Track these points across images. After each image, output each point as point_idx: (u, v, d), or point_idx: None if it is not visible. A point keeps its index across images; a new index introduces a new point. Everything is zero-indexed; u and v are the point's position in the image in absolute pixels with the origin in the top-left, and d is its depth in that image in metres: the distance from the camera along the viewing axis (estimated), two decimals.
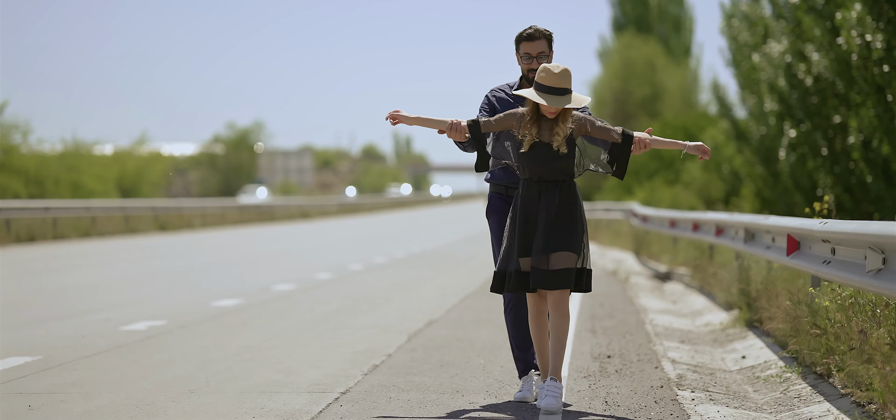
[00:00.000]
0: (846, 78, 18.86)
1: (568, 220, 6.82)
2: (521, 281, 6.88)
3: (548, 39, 7.21)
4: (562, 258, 6.79)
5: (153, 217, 39.51)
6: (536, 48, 7.18)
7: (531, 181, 6.87)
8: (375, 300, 14.09)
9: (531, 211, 6.85)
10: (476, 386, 7.96)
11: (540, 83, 6.74)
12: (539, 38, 7.18)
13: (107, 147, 70.15)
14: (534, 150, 6.80)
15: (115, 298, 14.19)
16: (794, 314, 8.75)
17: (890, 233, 5.88)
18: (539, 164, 6.81)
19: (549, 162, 6.79)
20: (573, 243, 6.82)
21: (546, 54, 7.17)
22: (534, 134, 6.79)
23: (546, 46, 7.19)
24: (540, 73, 6.76)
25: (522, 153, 6.80)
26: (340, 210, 69.93)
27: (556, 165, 6.81)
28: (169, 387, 7.97)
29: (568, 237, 6.80)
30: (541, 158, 6.80)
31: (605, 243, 29.30)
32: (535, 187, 6.86)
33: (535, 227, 6.82)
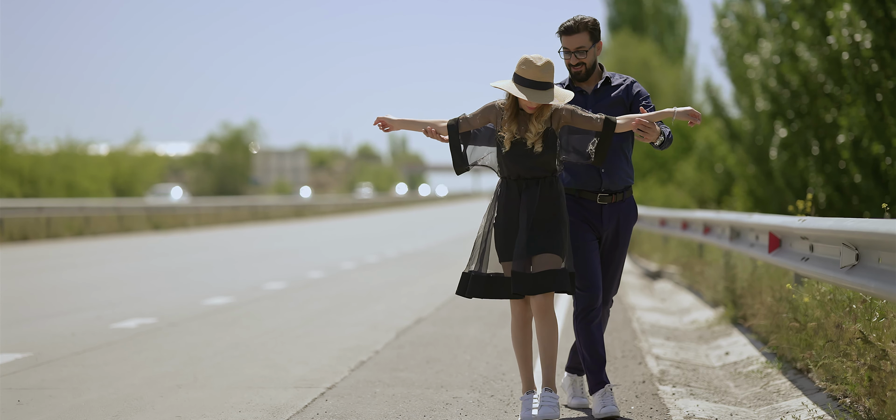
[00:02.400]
0: (836, 77, 18.99)
1: (550, 220, 6.38)
2: (490, 285, 6.44)
3: (590, 31, 6.60)
4: (545, 260, 6.33)
5: (147, 216, 39.58)
6: (574, 42, 6.60)
7: (511, 180, 6.44)
8: (365, 298, 14.19)
9: (512, 212, 6.41)
10: (461, 381, 8.05)
11: (520, 76, 6.27)
12: (578, 31, 6.58)
13: (101, 147, 70.19)
14: (513, 148, 6.36)
15: (106, 297, 14.28)
16: (775, 310, 8.87)
17: (862, 229, 5.98)
18: (518, 162, 6.36)
19: (528, 159, 6.34)
20: (556, 244, 6.35)
21: (586, 49, 6.59)
22: (513, 131, 6.36)
23: (587, 39, 6.59)
24: (520, 65, 6.26)
25: (502, 152, 6.38)
26: (336, 209, 70.01)
27: (535, 162, 6.34)
28: (157, 382, 8.07)
29: (551, 238, 6.35)
30: (519, 156, 6.35)
31: None
32: (516, 186, 6.42)
33: (513, 231, 6.39)
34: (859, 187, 19.14)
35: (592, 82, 6.77)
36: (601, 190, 6.73)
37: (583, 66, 6.64)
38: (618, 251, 6.86)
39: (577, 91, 6.72)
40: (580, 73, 6.65)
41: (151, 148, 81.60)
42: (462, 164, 6.52)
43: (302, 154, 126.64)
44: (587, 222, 6.73)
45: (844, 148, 19.36)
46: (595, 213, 6.74)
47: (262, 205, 57.68)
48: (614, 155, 6.69)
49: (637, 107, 6.67)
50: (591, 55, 6.64)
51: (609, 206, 6.75)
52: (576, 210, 6.72)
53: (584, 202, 6.73)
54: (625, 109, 6.68)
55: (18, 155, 52.56)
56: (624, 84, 6.78)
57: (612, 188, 6.74)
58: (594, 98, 6.72)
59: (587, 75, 6.70)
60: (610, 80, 6.78)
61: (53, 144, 60.17)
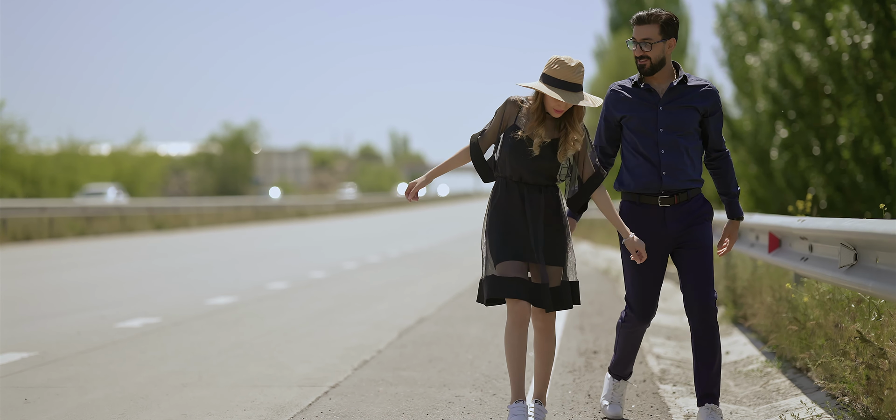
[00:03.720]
0: (837, 78, 19.06)
1: (555, 229, 6.13)
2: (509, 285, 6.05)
3: (661, 24, 6.23)
4: (552, 275, 6.11)
5: (149, 216, 39.67)
6: (642, 32, 6.25)
7: (511, 181, 6.12)
8: (368, 298, 14.26)
9: (515, 214, 6.09)
10: (463, 380, 8.12)
11: (552, 76, 5.96)
12: (648, 22, 6.24)
13: (103, 146, 70.30)
14: (521, 147, 6.04)
15: (110, 296, 14.35)
16: (775, 310, 8.95)
17: (860, 230, 6.05)
18: (523, 163, 6.05)
19: (537, 162, 6.05)
20: (562, 256, 6.13)
21: (653, 42, 6.22)
22: (542, 134, 6.03)
23: (656, 32, 6.22)
24: (552, 65, 5.95)
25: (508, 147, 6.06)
26: (338, 209, 70.09)
27: (542, 168, 6.06)
28: (162, 381, 8.14)
29: (559, 249, 6.11)
30: (527, 158, 6.05)
31: (599, 242, 29.45)
32: (516, 189, 6.11)
33: (519, 230, 6.09)
34: (860, 187, 19.20)
35: (663, 81, 6.35)
36: (662, 192, 6.32)
37: (647, 60, 6.25)
38: (696, 251, 6.32)
39: (645, 89, 6.33)
40: (645, 67, 6.26)
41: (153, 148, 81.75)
42: (489, 175, 6.22)
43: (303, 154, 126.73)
44: (649, 232, 6.31)
45: (845, 148, 19.43)
46: (657, 218, 6.34)
47: (263, 205, 57.76)
48: (676, 152, 6.28)
49: (713, 119, 6.34)
50: (658, 50, 6.25)
51: (672, 208, 6.33)
52: (636, 220, 6.35)
53: (645, 207, 6.34)
54: (699, 118, 6.31)
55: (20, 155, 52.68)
56: (704, 88, 6.35)
57: (673, 189, 6.31)
58: (666, 99, 6.32)
59: (652, 70, 6.28)
60: (686, 81, 6.35)
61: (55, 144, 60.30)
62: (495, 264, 6.09)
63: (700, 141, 6.38)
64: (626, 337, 6.67)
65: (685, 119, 6.27)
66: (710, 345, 6.35)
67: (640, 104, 6.33)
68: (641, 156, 6.32)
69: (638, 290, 6.42)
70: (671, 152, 6.27)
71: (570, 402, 7.29)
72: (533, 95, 6.08)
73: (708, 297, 6.31)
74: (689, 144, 6.32)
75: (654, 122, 6.28)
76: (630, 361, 6.79)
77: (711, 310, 6.33)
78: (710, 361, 6.36)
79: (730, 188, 6.44)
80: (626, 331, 6.64)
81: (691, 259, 6.32)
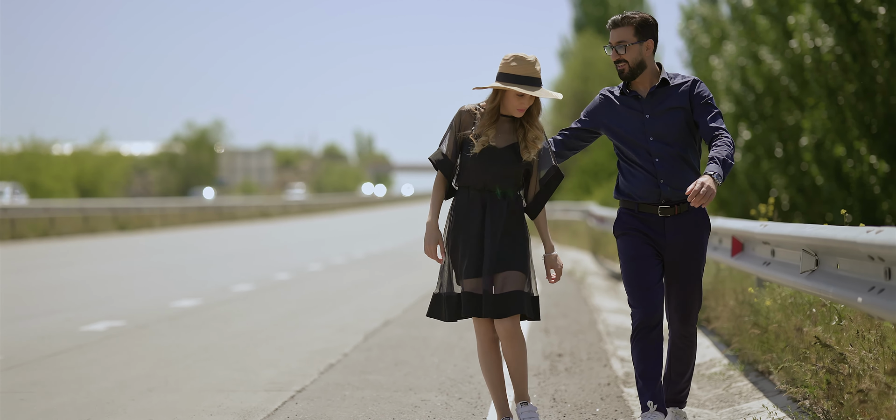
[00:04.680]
0: (799, 80, 19.24)
1: (515, 234, 5.94)
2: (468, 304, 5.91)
3: (636, 26, 6.01)
4: (511, 279, 5.88)
5: (112, 217, 39.46)
6: (617, 36, 6.04)
7: (474, 190, 5.94)
8: (333, 300, 14.28)
9: (473, 225, 5.91)
10: (429, 384, 8.16)
11: (512, 73, 5.80)
12: (622, 25, 6.03)
13: (65, 146, 69.87)
14: (484, 153, 5.88)
15: (74, 299, 14.30)
16: (738, 313, 9.05)
17: (821, 236, 6.14)
18: (487, 170, 5.88)
19: (499, 167, 5.88)
20: (523, 262, 5.91)
21: (628, 44, 6.01)
22: (490, 136, 5.88)
23: (630, 34, 6.00)
24: (510, 63, 5.79)
25: (470, 156, 5.89)
26: (302, 210, 69.95)
27: (506, 172, 5.90)
28: (128, 385, 8.13)
29: (516, 255, 5.90)
30: (489, 162, 5.88)
31: (563, 243, 29.59)
32: (478, 197, 5.93)
33: (478, 245, 5.91)
34: (821, 189, 19.38)
35: (646, 84, 6.11)
36: (661, 202, 6.06)
37: (625, 64, 6.03)
38: (688, 265, 6.11)
39: (631, 96, 6.12)
40: (623, 72, 6.04)
41: (116, 147, 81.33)
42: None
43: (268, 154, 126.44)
44: (645, 235, 6.10)
45: (807, 150, 19.62)
46: (657, 227, 6.08)
47: (227, 205, 57.54)
48: (671, 160, 6.04)
49: (697, 111, 6.04)
50: (634, 52, 6.02)
51: (672, 218, 6.07)
52: (635, 224, 6.12)
53: (643, 216, 6.10)
54: (687, 116, 6.06)
55: None
56: (685, 85, 6.10)
57: (673, 199, 6.06)
58: (650, 103, 6.08)
59: (632, 74, 6.06)
60: (668, 82, 6.10)
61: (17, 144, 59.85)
62: (459, 281, 5.94)
63: (697, 145, 6.13)
64: (640, 350, 6.11)
65: (672, 123, 6.04)
66: (687, 357, 6.28)
67: (627, 112, 6.10)
68: (636, 165, 6.08)
69: (635, 281, 6.07)
70: (666, 160, 6.02)
71: (535, 405, 7.34)
72: (489, 97, 5.93)
73: (691, 313, 6.19)
74: (684, 151, 6.06)
75: (642, 131, 6.05)
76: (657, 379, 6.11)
77: (693, 324, 6.23)
78: (683, 370, 6.30)
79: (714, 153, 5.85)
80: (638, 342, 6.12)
81: (681, 271, 6.12)
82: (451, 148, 5.97)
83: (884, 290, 5.22)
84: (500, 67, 5.86)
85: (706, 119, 6.01)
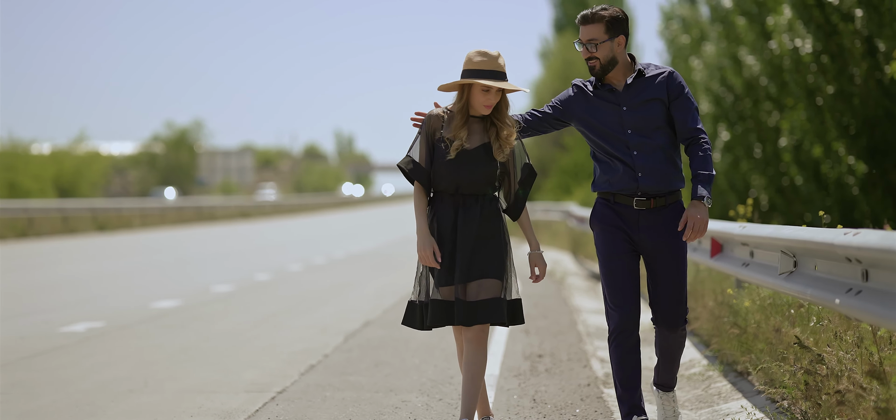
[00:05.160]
0: (778, 81, 19.33)
1: (491, 240, 5.83)
2: (439, 312, 5.82)
3: (606, 22, 5.87)
4: (485, 287, 5.79)
5: (92, 217, 39.33)
6: (586, 33, 5.89)
7: (446, 194, 5.85)
8: (314, 301, 14.28)
9: (446, 231, 5.82)
10: (409, 385, 8.18)
11: (477, 69, 5.74)
12: (592, 21, 5.88)
13: (44, 146, 69.61)
14: (456, 156, 5.79)
15: (54, 300, 14.26)
16: (717, 314, 9.10)
17: (799, 237, 6.18)
18: (459, 173, 5.79)
19: (471, 169, 5.79)
20: (499, 269, 5.81)
21: (598, 42, 5.86)
22: (463, 138, 5.79)
23: (601, 32, 5.85)
24: (474, 59, 5.74)
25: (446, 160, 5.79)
26: (282, 210, 69.85)
27: (479, 174, 5.81)
28: (108, 387, 8.12)
29: (493, 262, 5.80)
30: (461, 165, 5.79)
31: (543, 243, 29.65)
32: (451, 202, 5.84)
33: (450, 251, 5.81)
34: (800, 190, 19.48)
35: (621, 78, 5.97)
36: (638, 194, 5.92)
37: (596, 60, 5.89)
38: (668, 263, 5.99)
39: (606, 89, 5.96)
40: (595, 68, 5.91)
41: (95, 147, 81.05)
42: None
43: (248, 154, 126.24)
44: (622, 231, 5.97)
45: (786, 151, 19.71)
46: (631, 220, 5.96)
47: (207, 205, 57.41)
48: (653, 154, 5.91)
49: (675, 104, 5.93)
50: (606, 50, 5.88)
51: (648, 212, 5.94)
52: (610, 217, 5.99)
53: (619, 208, 5.97)
54: (664, 108, 5.93)
55: None
56: (661, 76, 5.97)
57: (650, 192, 5.92)
58: (627, 96, 5.94)
59: (603, 71, 5.92)
60: (643, 73, 5.96)
61: None
62: (438, 287, 5.83)
63: (674, 135, 5.98)
64: (618, 354, 6.03)
65: (650, 115, 5.90)
66: (675, 353, 6.28)
67: (603, 105, 5.95)
68: (614, 157, 5.93)
69: (613, 282, 5.98)
70: (644, 153, 5.89)
71: (515, 406, 7.37)
72: (456, 98, 5.83)
73: (678, 313, 6.09)
74: (663, 142, 5.93)
75: (619, 124, 5.91)
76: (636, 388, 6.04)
77: (681, 325, 6.13)
78: (670, 364, 6.31)
79: (699, 169, 5.84)
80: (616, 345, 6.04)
81: (663, 270, 5.99)
82: (423, 152, 5.85)
83: (861, 291, 5.27)
84: (464, 65, 5.79)
85: (684, 117, 5.92)
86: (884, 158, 16.46)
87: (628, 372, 6.01)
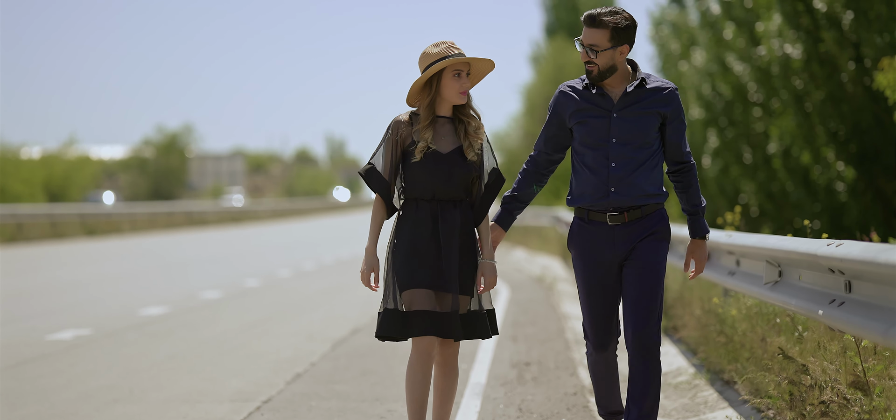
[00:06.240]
0: (767, 87, 19.37)
1: (470, 252, 5.63)
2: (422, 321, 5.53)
3: (611, 29, 5.50)
4: (465, 302, 5.60)
5: (81, 222, 39.24)
6: (590, 37, 5.54)
7: (422, 201, 5.60)
8: (302, 307, 14.25)
9: (422, 239, 5.57)
10: (396, 394, 8.16)
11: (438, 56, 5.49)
12: (596, 26, 5.52)
13: (34, 150, 69.48)
14: (428, 159, 5.56)
15: (41, 306, 14.21)
16: (704, 322, 9.09)
17: (784, 248, 6.18)
18: (434, 177, 5.55)
19: (446, 173, 5.56)
20: (473, 283, 5.64)
21: (599, 49, 5.51)
22: (429, 138, 5.54)
23: (604, 38, 5.50)
24: (432, 51, 5.51)
25: (414, 164, 5.56)
26: (273, 214, 69.78)
27: (456, 179, 5.58)
28: (93, 396, 8.09)
29: (471, 276, 5.62)
30: (435, 169, 5.55)
31: (533, 248, 29.63)
32: (428, 208, 5.59)
33: (428, 259, 5.55)
34: (790, 196, 19.52)
35: (618, 85, 5.62)
36: (610, 209, 5.60)
37: (594, 66, 5.55)
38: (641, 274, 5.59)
39: (597, 94, 5.62)
40: (592, 73, 5.58)
41: (85, 151, 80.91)
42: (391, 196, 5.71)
43: (238, 158, 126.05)
44: (597, 256, 5.65)
45: (775, 157, 19.74)
46: (606, 237, 5.63)
47: (198, 210, 57.32)
48: (628, 165, 5.58)
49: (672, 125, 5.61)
50: (606, 58, 5.54)
51: (622, 227, 5.60)
52: (585, 241, 5.67)
53: (594, 226, 5.65)
54: (659, 124, 5.61)
55: None
56: (665, 92, 5.62)
57: (623, 205, 5.60)
58: (621, 105, 5.58)
59: (600, 77, 5.58)
60: (645, 84, 5.61)
61: None
62: (401, 293, 5.57)
63: (660, 151, 5.65)
64: (593, 370, 5.86)
65: (642, 127, 5.56)
66: (643, 379, 5.63)
67: (591, 110, 5.59)
68: (589, 168, 5.60)
69: (589, 314, 5.74)
70: (622, 165, 5.55)
71: (501, 416, 7.35)
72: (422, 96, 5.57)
73: (643, 323, 5.58)
74: (645, 156, 5.58)
75: (605, 131, 5.55)
76: (611, 396, 5.88)
77: (647, 339, 5.60)
78: (639, 399, 5.64)
79: (692, 204, 5.68)
80: (590, 363, 5.86)
81: (630, 278, 5.61)
82: (388, 161, 5.60)
83: (844, 302, 5.26)
84: (422, 63, 5.53)
85: (679, 141, 5.63)
86: (872, 164, 16.50)
87: (605, 385, 5.88)
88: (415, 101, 5.64)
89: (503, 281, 18.70)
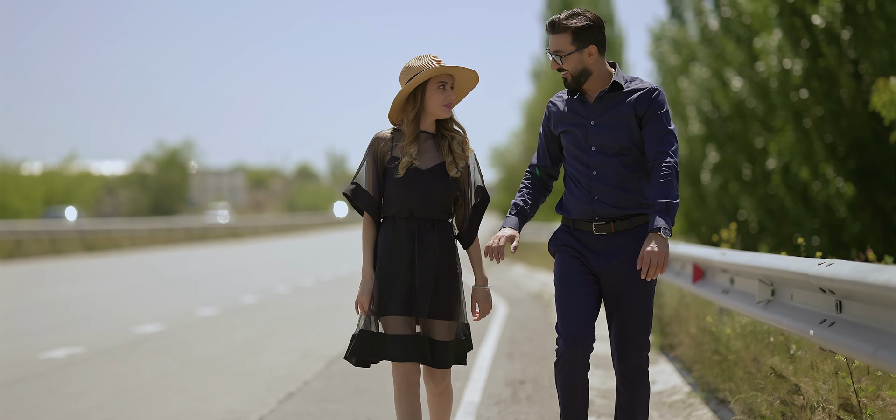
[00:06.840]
0: (766, 103, 19.33)
1: (449, 274, 5.43)
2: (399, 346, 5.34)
3: (573, 32, 5.31)
4: (444, 329, 5.41)
5: (80, 238, 39.16)
6: (553, 43, 5.35)
7: (400, 219, 5.42)
8: (299, 324, 14.19)
9: (398, 258, 5.38)
10: (388, 413, 8.10)
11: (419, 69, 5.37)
12: (557, 31, 5.34)
13: (35, 165, 69.51)
14: (409, 177, 5.39)
15: (35, 324, 14.16)
16: (699, 341, 9.04)
17: (776, 267, 6.13)
18: (412, 195, 5.38)
19: (425, 191, 5.39)
20: (456, 309, 5.44)
21: (564, 53, 5.33)
22: (413, 153, 5.40)
23: (567, 43, 5.31)
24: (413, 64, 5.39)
25: (393, 181, 5.39)
26: (273, 230, 69.76)
27: (435, 197, 5.41)
28: (83, 416, 8.04)
29: (451, 299, 5.42)
30: (414, 186, 5.39)
31: (532, 265, 29.57)
32: (405, 227, 5.40)
33: (404, 282, 5.36)
34: (789, 212, 19.47)
35: (597, 89, 5.41)
36: (596, 218, 5.37)
37: (566, 72, 5.37)
38: (627, 290, 5.37)
39: (578, 101, 5.44)
40: (566, 80, 5.41)
41: (86, 166, 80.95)
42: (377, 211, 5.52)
43: (239, 173, 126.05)
44: (579, 255, 5.41)
45: (774, 173, 19.70)
46: (592, 246, 5.40)
47: (197, 226, 57.29)
48: (611, 173, 5.36)
49: (648, 125, 5.31)
50: (574, 61, 5.34)
51: (608, 237, 5.36)
52: (570, 242, 5.44)
53: (580, 234, 5.43)
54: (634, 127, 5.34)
55: None
56: (640, 93, 5.36)
57: (608, 215, 5.36)
58: (596, 109, 5.38)
59: (575, 83, 5.39)
60: (620, 87, 5.38)
61: None
62: (379, 318, 5.38)
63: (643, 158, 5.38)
64: (563, 383, 5.42)
65: (619, 132, 5.32)
66: (630, 406, 5.47)
67: (572, 119, 5.41)
68: (573, 178, 5.42)
69: (562, 304, 5.39)
70: (605, 173, 5.33)
71: None
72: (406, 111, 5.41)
73: (631, 354, 5.40)
74: (628, 162, 5.34)
75: (585, 139, 5.36)
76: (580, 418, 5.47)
77: (635, 369, 5.42)
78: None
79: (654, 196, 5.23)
80: (561, 373, 5.42)
81: (619, 297, 5.37)
82: (371, 177, 5.44)
83: (835, 323, 5.21)
84: (403, 75, 5.39)
85: (654, 137, 5.29)
86: (872, 181, 16.45)
87: (570, 402, 5.42)
88: (397, 117, 5.47)
89: (501, 297, 18.65)
